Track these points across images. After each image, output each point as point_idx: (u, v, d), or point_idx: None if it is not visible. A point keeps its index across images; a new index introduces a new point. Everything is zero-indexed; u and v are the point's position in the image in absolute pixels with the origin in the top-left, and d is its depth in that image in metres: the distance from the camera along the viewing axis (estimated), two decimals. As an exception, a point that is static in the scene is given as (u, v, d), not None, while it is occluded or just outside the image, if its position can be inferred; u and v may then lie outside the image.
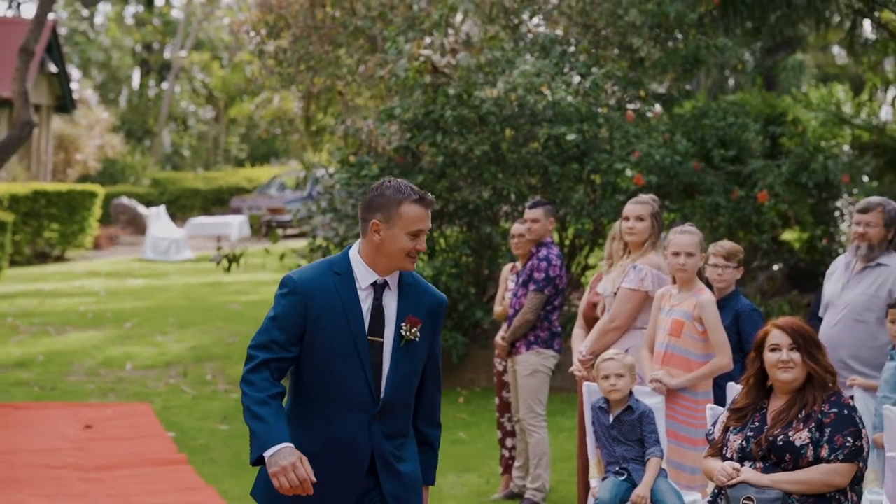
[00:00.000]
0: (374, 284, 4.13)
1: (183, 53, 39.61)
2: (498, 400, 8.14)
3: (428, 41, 11.40)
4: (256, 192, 31.13)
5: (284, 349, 4.05)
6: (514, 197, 11.06)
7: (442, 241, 11.42)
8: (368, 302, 4.12)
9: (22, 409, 10.44)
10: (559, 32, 12.20)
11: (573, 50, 11.88)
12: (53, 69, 27.50)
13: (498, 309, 8.22)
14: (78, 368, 12.36)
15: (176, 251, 23.83)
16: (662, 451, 5.90)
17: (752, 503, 4.61)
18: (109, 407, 10.67)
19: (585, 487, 6.58)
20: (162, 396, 11.19)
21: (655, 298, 6.37)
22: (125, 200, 29.07)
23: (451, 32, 11.92)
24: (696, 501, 5.88)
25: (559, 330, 7.80)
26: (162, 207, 25.59)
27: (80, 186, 24.35)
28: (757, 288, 12.53)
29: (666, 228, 7.35)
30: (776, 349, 4.79)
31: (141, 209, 28.41)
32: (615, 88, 11.68)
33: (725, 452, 4.85)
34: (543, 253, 7.65)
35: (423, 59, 11.04)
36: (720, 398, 6.09)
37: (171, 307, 16.44)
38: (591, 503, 5.99)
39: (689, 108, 13.00)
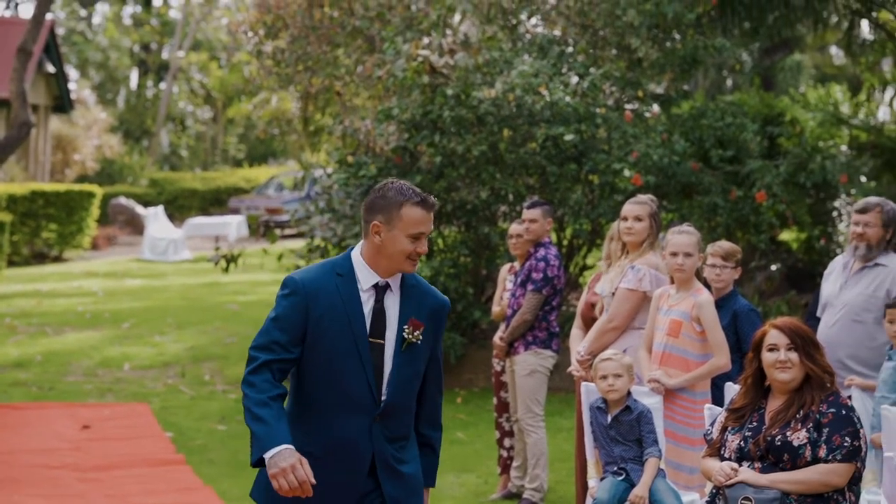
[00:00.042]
0: (375, 286, 4.11)
1: (181, 54, 39.61)
2: (496, 400, 8.14)
3: (426, 41, 11.40)
4: (254, 192, 31.13)
5: (286, 350, 4.04)
6: (512, 197, 11.07)
7: (440, 241, 11.42)
8: (370, 304, 4.10)
9: (20, 409, 10.43)
10: (557, 33, 12.20)
11: (571, 50, 11.88)
12: (51, 69, 27.48)
13: (496, 309, 8.22)
14: (76, 369, 12.35)
15: (174, 251, 23.81)
16: (661, 451, 5.90)
17: (750, 503, 4.62)
18: (107, 407, 10.67)
19: (583, 487, 6.58)
20: (160, 397, 11.19)
21: (653, 298, 6.37)
22: (123, 201, 29.05)
23: (449, 33, 11.92)
24: (694, 501, 5.88)
25: (557, 330, 7.80)
26: (160, 208, 25.56)
27: (77, 187, 24.32)
28: (755, 288, 12.54)
29: (664, 229, 7.34)
30: (774, 349, 4.79)
31: (139, 209, 28.39)
32: (613, 89, 11.68)
33: (723, 452, 4.85)
34: (541, 253, 7.65)
35: (421, 59, 11.04)
36: (718, 398, 6.09)
37: (169, 307, 16.43)
38: (589, 503, 5.99)
39: (687, 108, 13.00)
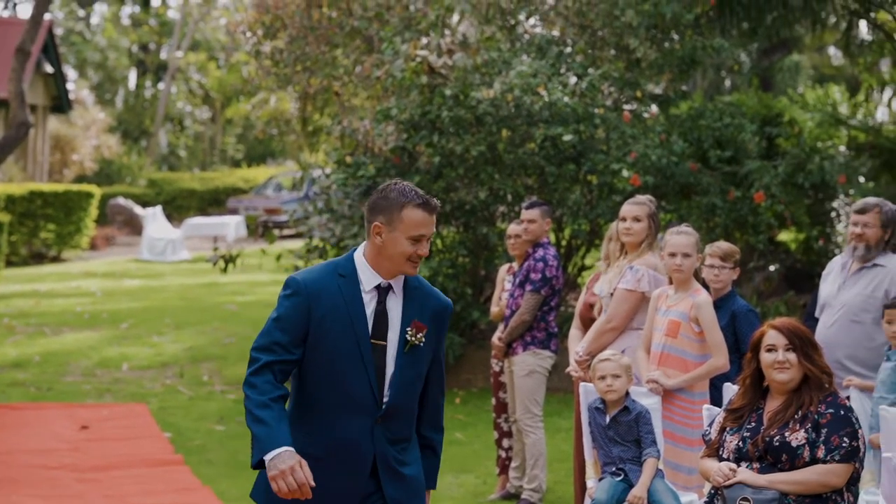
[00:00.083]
0: (378, 287, 4.10)
1: (179, 54, 39.59)
2: (494, 400, 8.14)
3: (424, 42, 11.39)
4: (253, 192, 31.11)
5: (287, 351, 4.02)
6: (510, 197, 11.06)
7: (438, 241, 11.41)
8: (372, 305, 4.08)
9: (18, 409, 10.42)
10: (556, 33, 12.20)
11: (570, 51, 11.88)
12: (49, 69, 27.47)
13: (494, 309, 8.22)
14: (74, 369, 12.35)
15: (172, 252, 23.80)
16: (659, 451, 5.90)
17: (748, 503, 4.62)
18: (106, 407, 10.66)
19: (582, 488, 6.58)
20: (158, 397, 11.18)
21: (652, 299, 6.37)
22: (121, 201, 29.04)
23: (447, 33, 11.92)
24: (692, 502, 5.88)
25: (556, 330, 7.80)
26: (158, 208, 25.56)
27: (76, 187, 24.31)
28: (753, 288, 12.54)
29: (662, 229, 7.34)
30: (772, 350, 4.79)
31: (137, 210, 28.38)
32: (612, 89, 11.68)
33: (722, 453, 4.85)
34: (540, 253, 7.65)
35: (419, 59, 11.04)
36: (716, 399, 6.09)
37: (167, 308, 16.42)
38: (587, 503, 5.99)
39: (685, 108, 13.00)
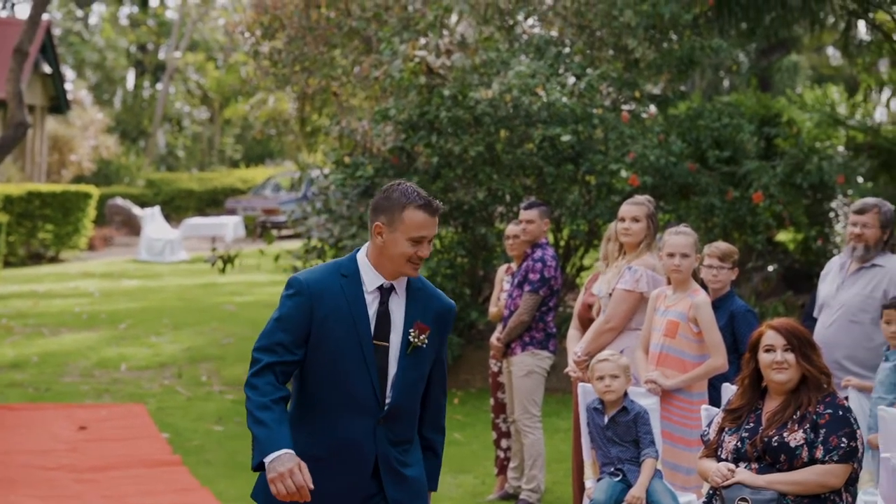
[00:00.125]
0: (380, 288, 4.07)
1: (178, 54, 39.58)
2: (493, 401, 8.14)
3: (423, 42, 11.39)
4: (251, 192, 31.09)
5: (289, 351, 4.00)
6: (508, 198, 11.06)
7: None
8: (375, 306, 4.06)
9: (16, 410, 10.42)
10: (554, 33, 12.20)
11: (568, 51, 11.88)
12: (48, 70, 27.46)
13: (493, 310, 8.21)
14: (72, 369, 12.34)
15: (170, 252, 23.80)
16: (657, 451, 5.90)
17: (746, 503, 4.62)
18: (104, 408, 10.66)
19: (580, 488, 6.58)
20: (156, 397, 11.18)
21: (650, 299, 6.37)
22: (120, 201, 29.03)
23: (445, 33, 11.91)
24: (691, 502, 5.88)
25: (554, 331, 7.80)
26: (156, 208, 25.56)
27: (74, 187, 24.31)
28: (752, 289, 12.53)
29: (661, 229, 7.34)
30: (770, 350, 4.79)
31: (135, 210, 28.37)
32: (610, 89, 11.68)
33: (720, 453, 4.85)
34: (538, 254, 7.65)
35: (417, 59, 11.04)
36: (715, 399, 6.09)
37: (165, 308, 16.42)
38: (586, 504, 5.99)
39: (683, 109, 13.00)
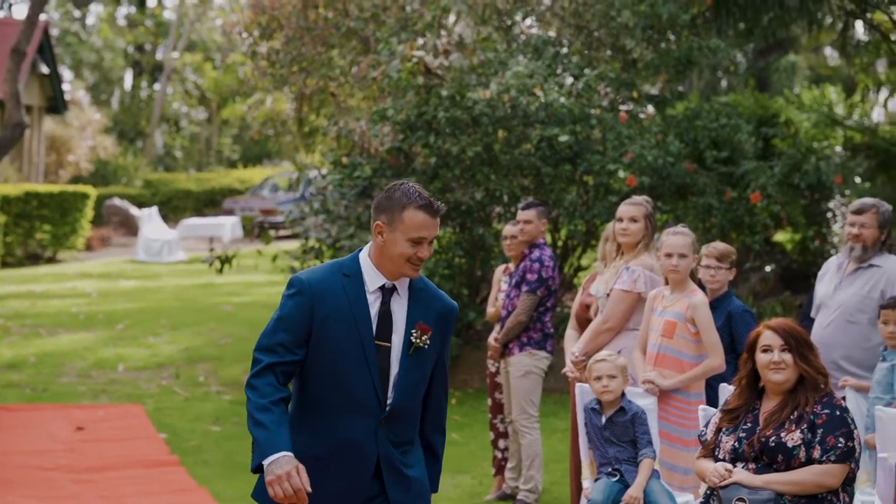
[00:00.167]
0: (382, 288, 4.06)
1: (175, 55, 39.56)
2: (490, 401, 8.14)
3: (421, 42, 11.39)
4: (249, 193, 31.07)
5: (290, 351, 3.98)
6: (506, 198, 11.06)
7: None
8: (376, 306, 4.04)
9: (13, 410, 10.41)
10: (552, 34, 12.20)
11: (566, 51, 11.88)
12: (45, 70, 27.43)
13: (491, 310, 8.21)
14: (70, 370, 12.33)
15: (168, 252, 23.78)
16: (655, 452, 5.90)
17: (744, 503, 4.62)
18: (101, 408, 10.65)
19: (578, 488, 6.58)
20: (154, 398, 11.17)
21: (648, 300, 6.37)
22: (117, 202, 29.01)
23: (443, 34, 11.91)
24: (688, 502, 5.88)
25: (552, 331, 7.80)
26: (154, 209, 25.53)
27: (71, 188, 24.29)
28: (749, 289, 12.54)
29: (658, 230, 7.35)
30: (768, 350, 4.79)
31: (133, 210, 28.35)
32: (608, 90, 11.68)
33: (718, 453, 4.85)
34: (536, 254, 7.65)
35: (415, 60, 11.04)
36: (712, 399, 6.09)
37: (163, 308, 16.41)
38: (583, 504, 5.99)
39: (681, 109, 13.01)
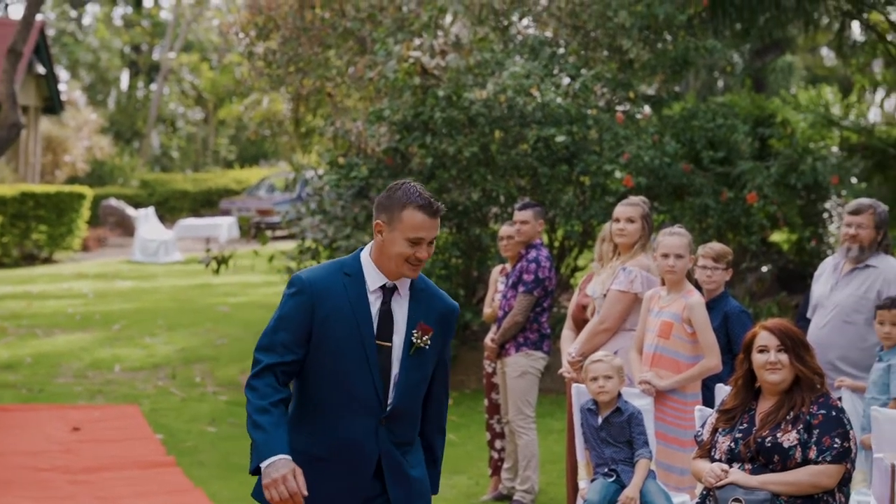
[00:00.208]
0: (383, 287, 4.04)
1: (172, 55, 39.53)
2: (487, 402, 8.14)
3: (417, 43, 11.39)
4: (245, 193, 31.03)
5: (290, 351, 3.96)
6: (503, 199, 11.06)
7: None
8: (377, 305, 4.02)
9: (9, 411, 10.40)
10: (549, 34, 12.20)
11: (562, 52, 11.88)
12: (41, 70, 27.40)
13: (487, 311, 8.21)
14: (66, 370, 12.32)
15: (165, 253, 23.76)
16: (651, 452, 5.90)
17: (740, 504, 4.62)
18: (97, 409, 10.64)
19: (574, 489, 6.57)
20: (150, 398, 11.16)
21: (644, 300, 6.37)
22: (114, 202, 28.97)
23: (440, 34, 11.91)
24: (684, 503, 5.88)
25: (548, 332, 7.80)
26: (151, 209, 25.51)
27: (68, 188, 24.25)
28: (746, 289, 12.55)
29: (655, 230, 7.35)
30: (764, 351, 4.80)
31: (129, 211, 28.31)
32: (604, 90, 11.68)
33: (714, 454, 4.85)
34: (533, 255, 7.65)
35: (412, 60, 11.04)
36: (709, 399, 6.10)
37: (159, 309, 16.39)
38: (580, 505, 5.99)
39: (678, 109, 13.01)
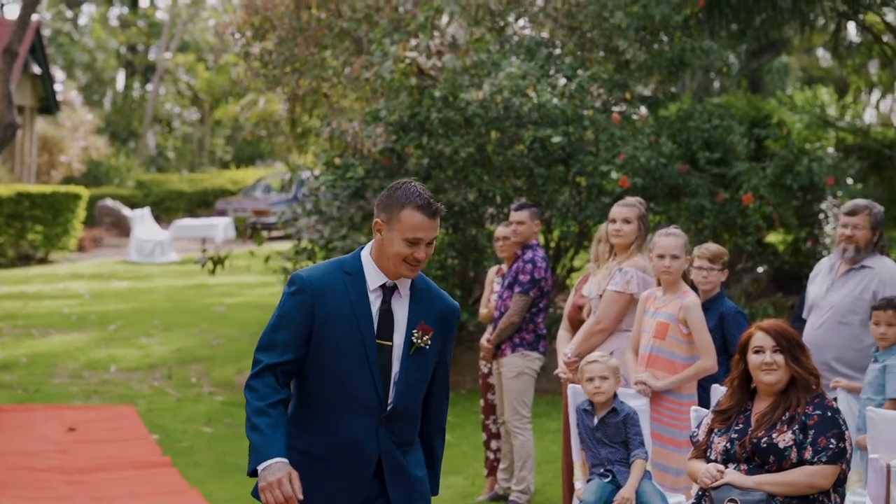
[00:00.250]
0: (383, 287, 4.03)
1: (168, 55, 39.50)
2: (483, 402, 8.14)
3: (413, 43, 11.39)
4: (241, 194, 31.02)
5: (290, 350, 3.94)
6: (499, 199, 11.06)
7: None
8: (377, 304, 4.01)
9: (5, 411, 10.39)
10: (545, 35, 12.20)
11: (559, 52, 11.89)
12: (37, 70, 27.37)
13: (483, 311, 8.22)
14: (62, 371, 12.31)
15: (160, 253, 23.75)
16: (647, 452, 5.90)
17: (736, 505, 4.62)
18: (93, 409, 10.63)
19: (570, 489, 6.58)
20: (146, 399, 11.15)
21: (640, 301, 6.37)
22: (109, 202, 28.94)
23: (436, 34, 11.91)
24: (680, 503, 5.88)
25: (544, 332, 7.80)
26: (146, 209, 25.49)
27: (64, 188, 24.24)
28: (741, 290, 12.55)
29: (651, 231, 7.35)
30: (760, 351, 4.80)
31: (125, 211, 28.29)
32: (601, 91, 11.69)
33: (710, 454, 4.85)
34: (529, 255, 7.65)
35: (408, 61, 11.03)
36: (704, 400, 6.10)
37: (155, 309, 16.38)
38: (575, 505, 5.99)
39: (674, 110, 13.01)
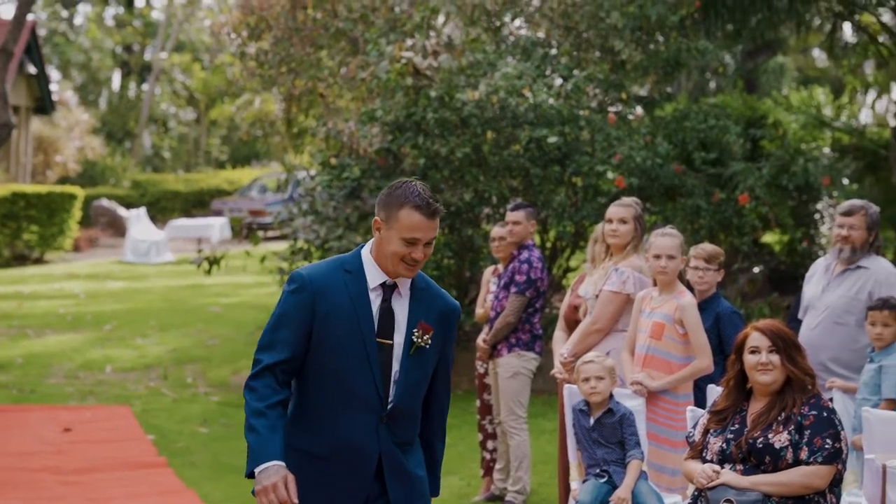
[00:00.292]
0: (383, 285, 4.01)
1: (163, 55, 39.47)
2: (479, 402, 8.14)
3: (410, 43, 11.38)
4: (237, 194, 30.99)
5: (290, 348, 3.93)
6: (495, 199, 11.06)
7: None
8: (377, 303, 3.99)
9: (0, 411, 10.37)
10: (541, 35, 12.20)
11: (555, 52, 11.89)
12: (32, 70, 27.34)
13: (479, 311, 8.21)
14: (57, 371, 12.29)
15: (156, 253, 23.73)
16: (643, 453, 5.90)
17: (732, 505, 4.62)
18: (89, 410, 10.62)
19: (566, 490, 6.57)
20: (142, 399, 11.14)
21: (636, 301, 6.37)
22: (105, 202, 28.92)
23: (432, 35, 11.90)
24: (676, 503, 5.88)
25: (540, 332, 7.80)
26: (142, 209, 25.48)
27: (59, 188, 24.23)
28: (737, 290, 12.56)
29: (647, 231, 7.35)
30: (756, 351, 4.80)
31: (121, 211, 28.27)
32: (597, 91, 11.69)
33: (705, 455, 4.85)
34: (525, 255, 7.65)
35: (404, 61, 11.03)
36: (700, 400, 6.10)
37: (151, 309, 16.37)
38: (571, 505, 5.99)
39: (670, 110, 13.02)
